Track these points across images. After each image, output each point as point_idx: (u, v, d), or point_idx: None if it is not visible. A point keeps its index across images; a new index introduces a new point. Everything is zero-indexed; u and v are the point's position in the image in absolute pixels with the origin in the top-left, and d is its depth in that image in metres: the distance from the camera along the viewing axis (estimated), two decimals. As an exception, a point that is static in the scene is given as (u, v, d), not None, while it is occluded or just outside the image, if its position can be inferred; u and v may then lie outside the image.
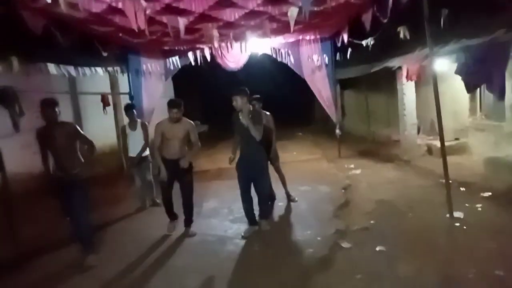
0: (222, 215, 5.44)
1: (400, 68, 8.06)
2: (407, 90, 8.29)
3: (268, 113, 5.45)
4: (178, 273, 3.79)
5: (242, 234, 4.57)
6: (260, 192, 4.63)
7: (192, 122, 4.63)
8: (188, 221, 4.77)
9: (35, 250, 4.53)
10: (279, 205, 5.61)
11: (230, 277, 3.62)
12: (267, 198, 5.01)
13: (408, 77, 7.91)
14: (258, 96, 5.45)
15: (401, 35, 6.28)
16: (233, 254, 4.11)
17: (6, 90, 4.87)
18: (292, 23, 5.16)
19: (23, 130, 5.25)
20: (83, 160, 4.05)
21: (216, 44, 7.29)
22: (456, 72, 5.25)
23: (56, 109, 3.82)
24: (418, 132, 8.77)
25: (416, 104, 8.36)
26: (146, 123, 5.97)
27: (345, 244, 4.05)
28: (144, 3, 4.35)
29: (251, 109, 4.49)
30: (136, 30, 4.53)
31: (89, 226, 4.14)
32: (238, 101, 4.31)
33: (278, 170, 5.69)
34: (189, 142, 4.63)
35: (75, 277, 3.81)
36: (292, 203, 5.66)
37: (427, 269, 3.38)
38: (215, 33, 5.95)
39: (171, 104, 4.43)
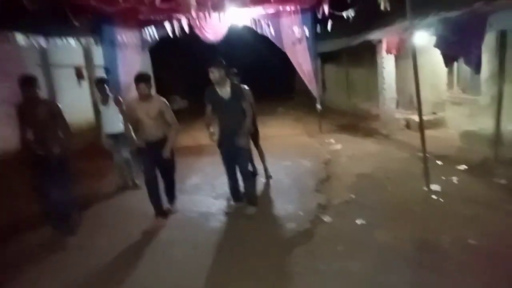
0: (204, 191, 5.41)
1: (380, 41, 8.05)
2: (387, 63, 8.32)
3: (246, 87, 5.34)
4: (164, 246, 3.81)
5: (226, 210, 4.56)
6: (243, 172, 4.39)
7: (164, 99, 4.22)
8: (171, 199, 4.65)
9: (9, 227, 4.44)
10: (261, 180, 5.63)
11: (215, 250, 3.65)
12: (252, 178, 4.76)
13: (388, 50, 7.93)
14: (236, 70, 5.30)
15: (382, 7, 6.23)
16: (217, 229, 4.13)
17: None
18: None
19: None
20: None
21: (194, 14, 7.03)
22: (435, 45, 5.28)
23: (36, 86, 3.74)
24: (397, 106, 8.89)
25: (396, 78, 8.42)
26: (119, 97, 5.62)
27: (326, 218, 4.13)
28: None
29: (230, 83, 4.22)
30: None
31: (67, 205, 4.08)
32: (215, 74, 4.03)
33: (257, 146, 5.65)
34: (167, 122, 4.20)
35: (53, 256, 3.75)
36: (273, 178, 5.65)
37: (405, 238, 3.49)
38: (192, 1, 5.73)
39: (137, 79, 3.98)
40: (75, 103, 7.93)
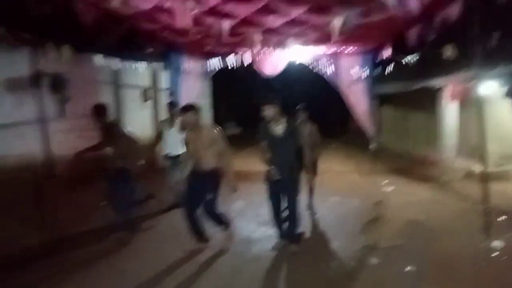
0: (249, 216, 5.46)
1: (442, 88, 7.81)
2: (449, 110, 8.01)
3: (313, 124, 5.43)
4: (203, 268, 3.85)
5: (273, 246, 4.36)
6: (291, 209, 4.19)
7: (217, 129, 4.12)
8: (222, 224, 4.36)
9: (73, 233, 4.85)
10: (308, 213, 5.55)
11: (253, 279, 3.62)
12: (298, 217, 4.37)
13: (451, 97, 7.65)
14: (304, 104, 5.37)
15: (447, 54, 6.08)
16: (257, 257, 4.11)
17: (57, 76, 5.12)
18: (335, 34, 5.12)
19: (68, 115, 5.49)
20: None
21: (256, 49, 7.35)
22: (507, 95, 5.03)
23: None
24: (457, 154, 8.42)
25: (458, 126, 8.04)
26: None
27: (372, 260, 3.94)
28: (192, 3, 4.47)
29: (285, 120, 4.10)
30: (182, 28, 4.65)
31: (132, 210, 4.83)
32: (269, 111, 3.98)
33: (312, 180, 5.61)
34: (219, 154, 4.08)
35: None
36: (319, 214, 5.55)
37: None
38: (258, 37, 6.00)
39: (183, 109, 4.02)
40: (138, 121, 8.47)
